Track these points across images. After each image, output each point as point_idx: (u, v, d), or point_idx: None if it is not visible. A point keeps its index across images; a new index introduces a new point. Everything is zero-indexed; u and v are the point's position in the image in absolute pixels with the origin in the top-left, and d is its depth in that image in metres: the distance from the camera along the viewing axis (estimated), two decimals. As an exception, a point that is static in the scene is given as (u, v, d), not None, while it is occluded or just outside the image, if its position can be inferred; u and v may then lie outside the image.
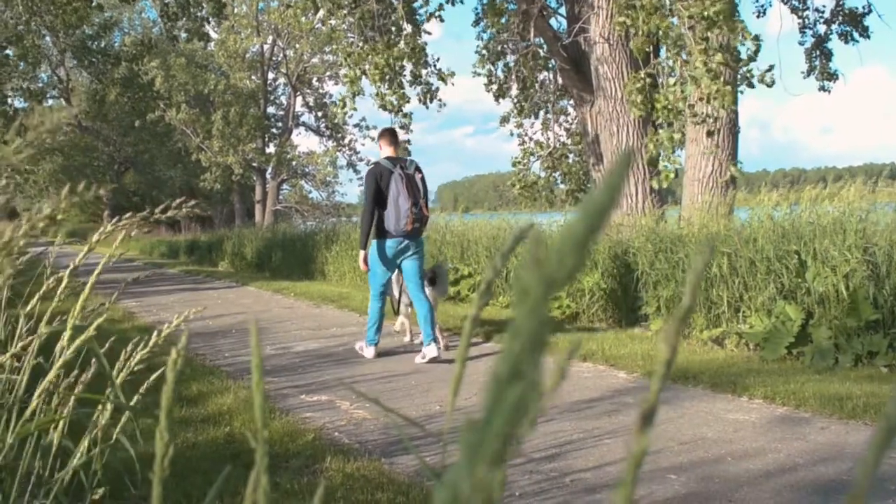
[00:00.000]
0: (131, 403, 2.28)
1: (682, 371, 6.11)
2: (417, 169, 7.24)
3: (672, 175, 8.80)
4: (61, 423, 2.11)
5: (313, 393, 5.93)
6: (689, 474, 3.87)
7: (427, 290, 7.40)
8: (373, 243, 7.24)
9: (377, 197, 7.05)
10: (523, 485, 3.76)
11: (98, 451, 2.19)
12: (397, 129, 8.04)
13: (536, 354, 0.23)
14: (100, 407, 2.22)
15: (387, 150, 7.36)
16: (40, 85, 29.04)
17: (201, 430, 4.76)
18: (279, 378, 6.38)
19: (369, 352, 7.33)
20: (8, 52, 18.49)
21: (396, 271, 7.45)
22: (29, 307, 2.31)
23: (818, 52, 14.89)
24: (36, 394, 1.95)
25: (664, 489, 3.67)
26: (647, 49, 8.96)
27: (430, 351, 6.99)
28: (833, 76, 14.88)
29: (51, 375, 1.93)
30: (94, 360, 2.25)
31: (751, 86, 8.89)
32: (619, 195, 0.24)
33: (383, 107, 10.99)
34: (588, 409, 5.17)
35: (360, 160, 34.27)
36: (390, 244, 7.11)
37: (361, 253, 7.40)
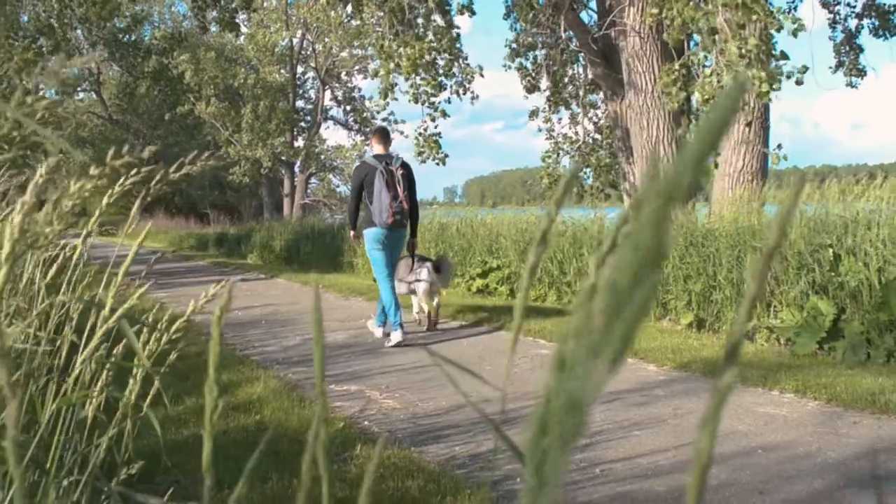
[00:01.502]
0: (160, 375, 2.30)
1: (712, 364, 6.09)
2: (402, 165, 7.74)
3: (715, 167, 8.71)
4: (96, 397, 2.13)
5: (342, 383, 5.97)
6: (720, 466, 3.86)
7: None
8: (365, 233, 7.81)
9: (359, 193, 7.72)
10: (554, 475, 3.76)
11: (130, 425, 2.21)
12: (388, 128, 8.60)
13: (655, 266, 0.23)
14: (131, 378, 2.24)
15: (377, 148, 7.92)
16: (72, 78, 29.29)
17: (232, 417, 4.80)
18: (308, 368, 6.40)
19: (396, 335, 7.47)
20: (40, 42, 18.65)
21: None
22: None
23: (848, 48, 14.70)
24: (79, 361, 1.97)
25: (695, 481, 3.66)
26: (681, 38, 8.88)
27: (396, 336, 7.50)
28: (862, 72, 14.69)
29: (93, 343, 1.94)
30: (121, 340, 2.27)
31: (779, 82, 8.76)
32: (733, 117, 0.25)
33: (416, 98, 11.00)
34: (618, 400, 5.16)
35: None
36: (378, 234, 7.68)
37: (352, 232, 8.42)
